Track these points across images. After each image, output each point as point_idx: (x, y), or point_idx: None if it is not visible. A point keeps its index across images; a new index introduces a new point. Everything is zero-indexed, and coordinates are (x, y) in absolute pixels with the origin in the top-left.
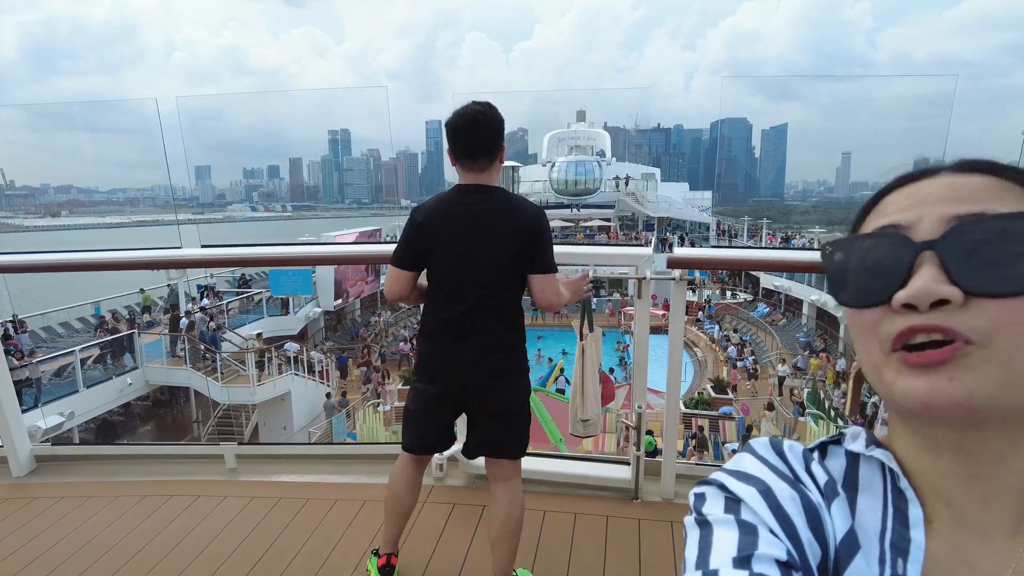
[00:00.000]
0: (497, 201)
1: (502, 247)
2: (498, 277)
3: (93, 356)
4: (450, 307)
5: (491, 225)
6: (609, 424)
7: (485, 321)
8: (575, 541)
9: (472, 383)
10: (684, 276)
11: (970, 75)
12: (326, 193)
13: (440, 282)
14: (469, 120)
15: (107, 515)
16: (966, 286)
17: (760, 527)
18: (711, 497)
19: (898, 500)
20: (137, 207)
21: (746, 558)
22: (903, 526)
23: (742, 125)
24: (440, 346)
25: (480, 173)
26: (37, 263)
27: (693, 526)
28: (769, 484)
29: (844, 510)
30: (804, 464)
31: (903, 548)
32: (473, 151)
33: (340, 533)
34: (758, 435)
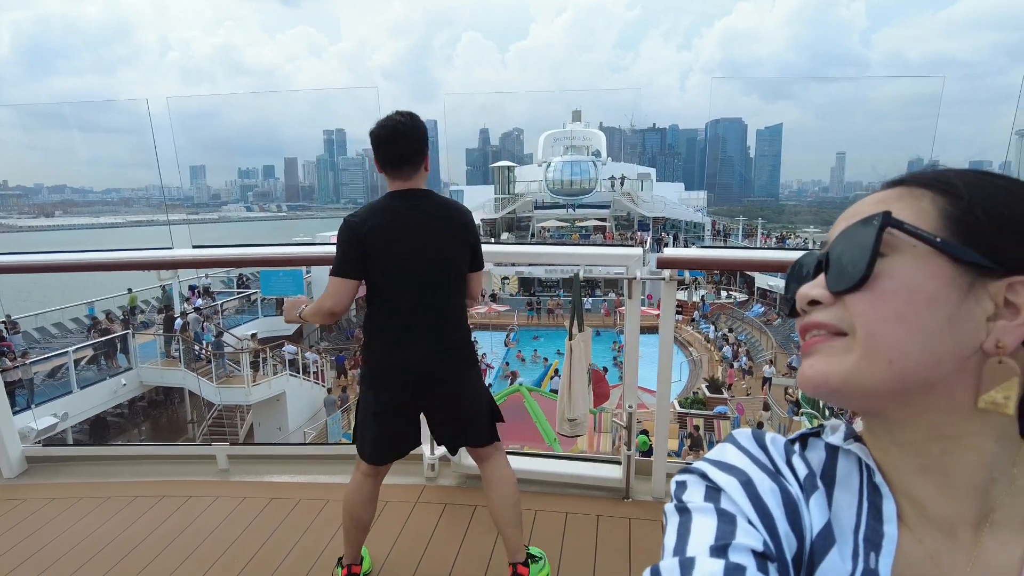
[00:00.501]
0: (434, 204)
1: (447, 248)
2: (442, 278)
3: (87, 357)
4: (396, 312)
5: (434, 227)
6: (605, 424)
7: (432, 323)
8: (566, 540)
9: (424, 387)
10: (674, 276)
11: (964, 75)
12: (321, 193)
13: (382, 288)
14: (390, 131)
15: (98, 516)
16: (830, 287)
17: (739, 517)
18: (692, 485)
19: (873, 495)
20: (131, 207)
21: (723, 547)
22: (876, 520)
23: (737, 125)
24: (388, 353)
25: (407, 180)
26: (29, 264)
27: (673, 513)
28: (750, 475)
29: (822, 504)
30: (785, 457)
31: (876, 542)
32: (396, 160)
33: (331, 533)
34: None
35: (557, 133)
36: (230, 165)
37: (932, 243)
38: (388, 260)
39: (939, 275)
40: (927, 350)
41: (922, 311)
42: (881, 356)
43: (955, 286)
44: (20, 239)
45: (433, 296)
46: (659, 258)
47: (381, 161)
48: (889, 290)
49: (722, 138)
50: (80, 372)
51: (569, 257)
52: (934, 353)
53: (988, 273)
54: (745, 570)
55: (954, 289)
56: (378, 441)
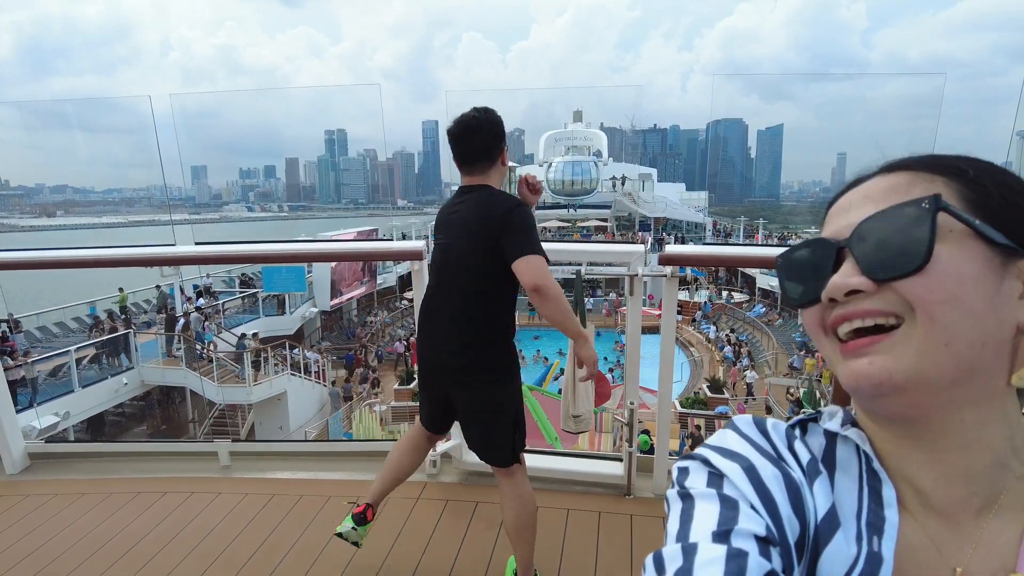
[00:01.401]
0: (474, 199)
1: (472, 244)
2: (470, 275)
3: (88, 356)
4: (430, 303)
5: (464, 222)
6: (606, 424)
7: (455, 318)
8: (568, 536)
9: (446, 380)
10: (675, 273)
11: (964, 76)
12: (322, 193)
13: (431, 279)
14: (464, 127)
15: (100, 512)
16: (873, 274)
17: (741, 502)
18: (694, 471)
19: (872, 480)
20: (133, 207)
21: (726, 532)
22: (878, 505)
23: (738, 126)
24: (421, 339)
25: (475, 176)
26: (31, 260)
27: (676, 499)
28: (752, 461)
29: (826, 488)
30: (787, 442)
31: (878, 527)
32: (468, 156)
33: (333, 530)
34: None
35: (558, 133)
36: (231, 165)
37: (973, 226)
38: (435, 249)
39: (977, 257)
40: (977, 330)
41: (971, 292)
42: (939, 340)
43: (991, 268)
44: (22, 239)
45: (454, 292)
46: (661, 255)
47: (456, 158)
48: (942, 272)
49: (723, 138)
50: (82, 371)
51: (571, 254)
52: (982, 334)
53: (1014, 253)
54: (748, 555)
55: (990, 271)
56: (422, 410)
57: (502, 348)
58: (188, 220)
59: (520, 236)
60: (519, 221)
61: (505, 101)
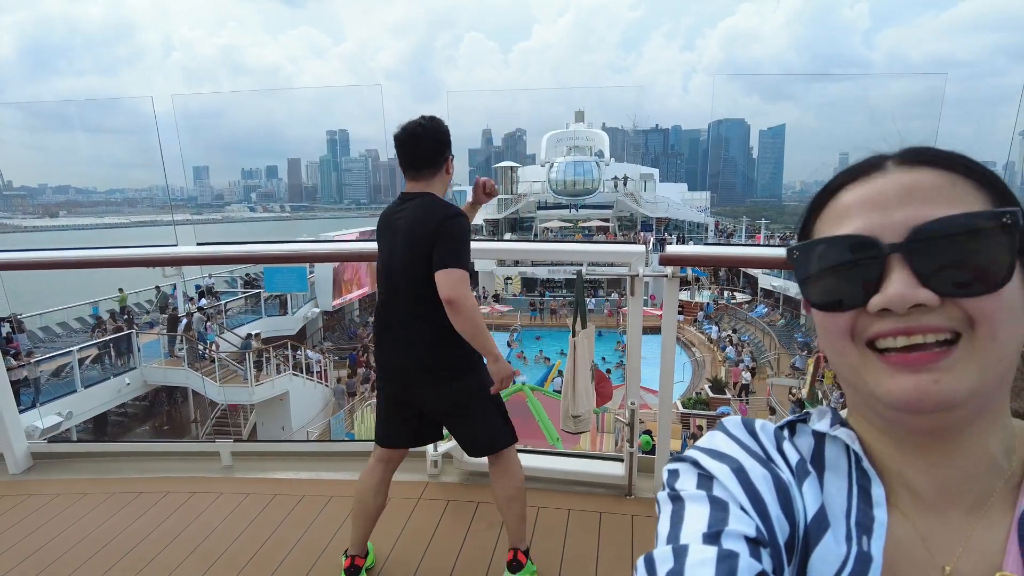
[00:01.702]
0: (416, 206)
1: (415, 251)
2: (413, 279)
3: (91, 356)
4: (381, 310)
5: (405, 229)
6: (607, 424)
7: (408, 323)
8: (568, 537)
9: (408, 384)
10: (676, 273)
11: (965, 76)
12: (324, 193)
13: (377, 286)
14: (409, 134)
15: (102, 512)
16: (941, 290)
17: (731, 503)
18: (684, 473)
19: (862, 479)
20: (135, 207)
21: (716, 534)
22: (867, 505)
23: (739, 126)
24: (379, 348)
25: (419, 182)
26: (34, 260)
27: (666, 501)
28: (741, 462)
29: (815, 489)
30: (776, 443)
31: (867, 526)
32: (414, 162)
33: (334, 530)
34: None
35: (560, 133)
36: (233, 165)
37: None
38: (378, 261)
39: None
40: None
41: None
42: (996, 357)
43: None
44: (25, 239)
45: (403, 298)
46: (662, 255)
47: (402, 163)
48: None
49: (725, 139)
50: (84, 371)
51: (572, 254)
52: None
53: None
54: (738, 556)
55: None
56: (380, 424)
57: (459, 343)
58: (190, 220)
59: (447, 247)
60: (452, 231)
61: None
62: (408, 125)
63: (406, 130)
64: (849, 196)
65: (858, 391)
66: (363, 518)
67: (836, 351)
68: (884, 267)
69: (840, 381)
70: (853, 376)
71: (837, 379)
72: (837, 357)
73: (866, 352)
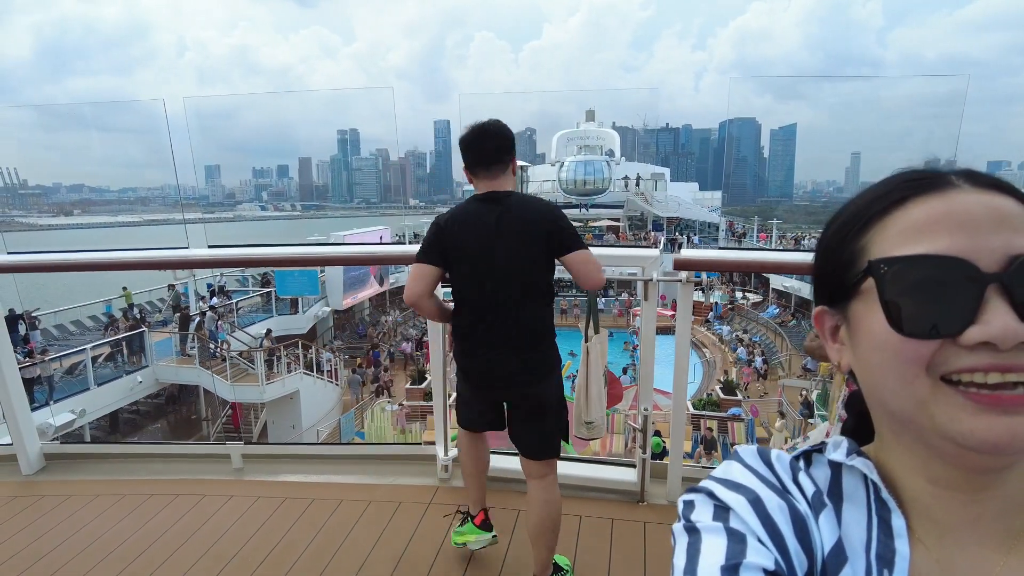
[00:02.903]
0: (514, 205)
1: (524, 250)
2: (511, 281)
3: (104, 354)
4: (467, 312)
5: (516, 229)
6: (617, 425)
7: (499, 325)
8: (580, 544)
9: (502, 383)
10: (691, 278)
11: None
12: (335, 192)
13: (462, 289)
14: (478, 131)
15: (114, 513)
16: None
17: (748, 536)
18: (700, 504)
19: (881, 510)
20: (148, 206)
21: (734, 567)
22: (887, 536)
23: (751, 125)
24: (461, 350)
25: (493, 180)
26: (49, 263)
27: (682, 533)
28: (758, 493)
29: (832, 521)
30: (792, 474)
31: (888, 559)
32: (484, 159)
33: (345, 533)
34: (768, 438)
35: (571, 133)
36: (245, 165)
37: None
38: (462, 261)
39: None
40: None
41: None
42: None
43: None
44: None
45: (501, 299)
46: (676, 259)
47: (469, 162)
48: None
49: (736, 138)
50: (97, 369)
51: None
52: None
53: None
54: None
55: None
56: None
57: (551, 343)
58: (202, 219)
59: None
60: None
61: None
62: (475, 125)
63: (475, 129)
64: (922, 211)
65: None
66: (475, 476)
67: (903, 381)
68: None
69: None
70: (916, 410)
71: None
72: (901, 387)
73: (940, 386)
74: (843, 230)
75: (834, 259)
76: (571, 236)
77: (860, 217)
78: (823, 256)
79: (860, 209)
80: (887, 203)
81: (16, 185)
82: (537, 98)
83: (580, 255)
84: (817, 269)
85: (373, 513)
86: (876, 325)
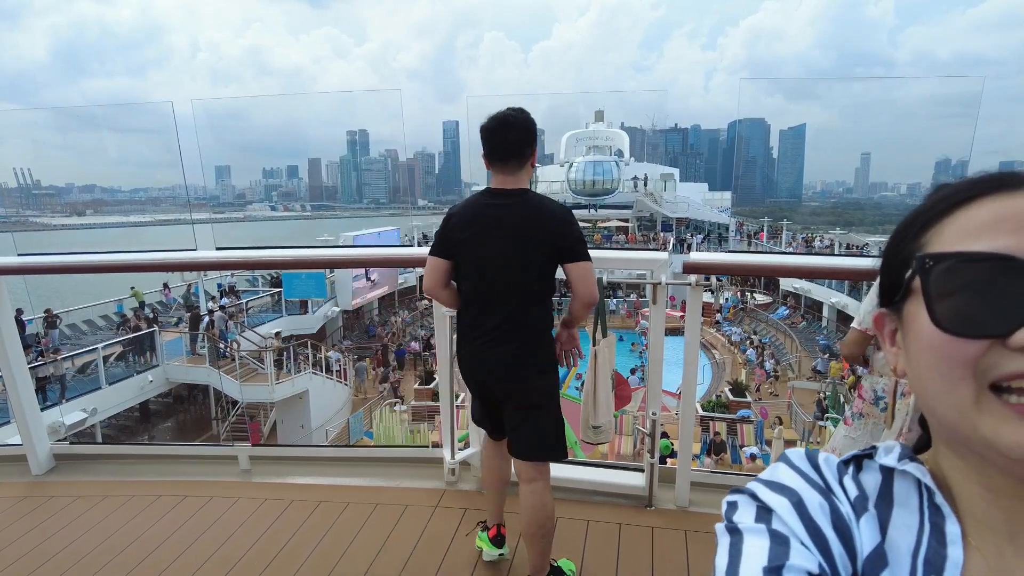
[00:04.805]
0: (525, 205)
1: (532, 250)
2: (525, 280)
3: (115, 353)
4: (470, 307)
5: (518, 226)
6: (626, 426)
7: (500, 324)
8: (587, 548)
9: (499, 381)
10: (700, 281)
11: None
12: (344, 193)
13: (468, 285)
14: (500, 122)
15: (122, 514)
16: None
17: (792, 538)
18: (743, 506)
19: (935, 516)
20: (159, 206)
21: (777, 568)
22: (939, 543)
23: (760, 125)
24: (461, 345)
25: (509, 176)
26: (56, 265)
27: (724, 533)
28: (801, 495)
29: (873, 527)
30: (838, 477)
31: (938, 565)
32: (503, 153)
33: (352, 536)
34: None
35: (580, 133)
36: (255, 165)
37: None
38: (467, 257)
39: None
40: None
41: None
42: None
43: None
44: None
45: (503, 298)
46: (686, 263)
47: (488, 153)
48: None
49: (745, 139)
50: (109, 368)
51: (593, 261)
52: None
53: None
54: None
55: None
56: (476, 416)
57: (550, 341)
58: (212, 219)
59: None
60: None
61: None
62: (498, 115)
63: (496, 119)
64: (985, 211)
65: (960, 433)
66: (493, 490)
67: (947, 384)
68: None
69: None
70: (958, 416)
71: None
72: (945, 392)
73: (986, 394)
74: (906, 230)
75: (893, 258)
76: (579, 244)
77: (922, 216)
78: (885, 256)
79: (924, 209)
80: (951, 203)
81: (30, 186)
82: (546, 98)
83: (583, 267)
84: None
85: (380, 516)
86: (925, 325)
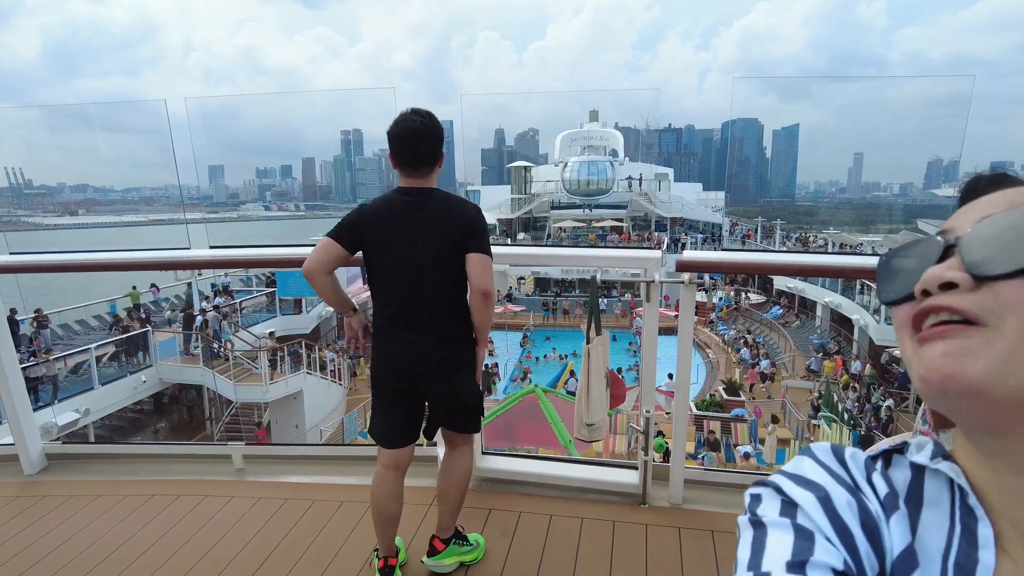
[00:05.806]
0: (436, 201)
1: (443, 243)
2: (429, 275)
3: (108, 353)
4: (385, 304)
5: (432, 223)
6: (620, 426)
7: (416, 318)
8: (581, 546)
9: (421, 376)
10: (694, 279)
11: (986, 75)
12: (338, 193)
13: (382, 280)
14: (412, 132)
15: (115, 514)
16: (974, 271)
17: (816, 533)
18: (767, 499)
19: (967, 518)
20: (152, 206)
21: (800, 563)
22: (971, 546)
23: (753, 126)
24: (378, 343)
25: (421, 179)
26: (48, 263)
27: (747, 526)
28: (828, 491)
29: (904, 526)
30: (865, 473)
31: (968, 568)
32: (416, 161)
33: (346, 535)
34: (767, 436)
35: (574, 133)
36: (248, 165)
37: None
38: (381, 252)
39: None
40: None
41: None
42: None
43: None
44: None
45: (418, 292)
46: (679, 261)
47: (399, 161)
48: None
49: (738, 139)
50: (101, 369)
51: (586, 259)
52: None
53: None
54: None
55: None
56: (385, 424)
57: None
58: (205, 219)
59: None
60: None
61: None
62: (408, 123)
63: (407, 130)
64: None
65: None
66: (385, 524)
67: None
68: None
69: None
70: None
71: None
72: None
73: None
74: None
75: None
76: (481, 237)
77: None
78: None
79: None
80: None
81: (21, 185)
82: (540, 98)
83: (481, 257)
84: None
85: None
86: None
